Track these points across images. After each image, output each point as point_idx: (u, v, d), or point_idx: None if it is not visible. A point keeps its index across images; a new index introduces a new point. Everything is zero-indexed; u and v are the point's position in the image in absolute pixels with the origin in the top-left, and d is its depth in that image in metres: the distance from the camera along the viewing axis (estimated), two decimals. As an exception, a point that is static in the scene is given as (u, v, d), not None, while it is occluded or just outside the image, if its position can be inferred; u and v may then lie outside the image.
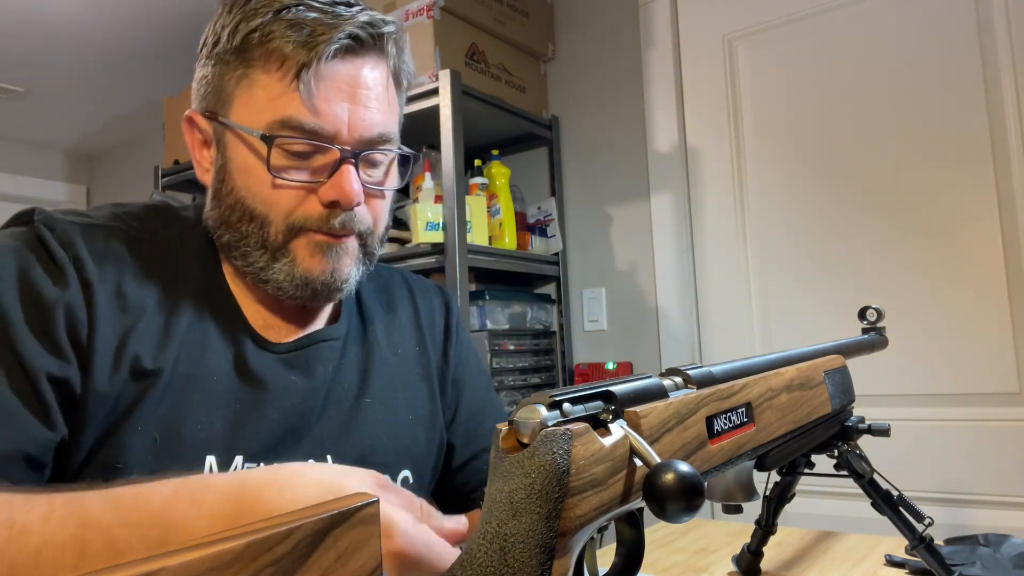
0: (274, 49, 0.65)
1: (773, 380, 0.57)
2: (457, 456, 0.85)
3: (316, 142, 0.66)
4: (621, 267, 2.04)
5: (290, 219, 0.67)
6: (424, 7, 1.80)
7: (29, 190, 3.66)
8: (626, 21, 2.07)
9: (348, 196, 0.66)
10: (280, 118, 0.65)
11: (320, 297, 0.71)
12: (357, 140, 0.67)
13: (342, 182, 0.66)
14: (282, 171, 0.66)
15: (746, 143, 1.87)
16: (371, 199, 0.71)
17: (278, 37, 0.64)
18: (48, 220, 0.64)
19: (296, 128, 0.65)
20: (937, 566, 0.73)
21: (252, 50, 0.66)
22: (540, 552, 0.35)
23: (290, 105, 0.65)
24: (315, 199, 0.67)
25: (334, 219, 0.67)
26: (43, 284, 0.61)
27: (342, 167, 0.66)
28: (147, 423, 0.62)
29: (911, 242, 1.62)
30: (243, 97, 0.67)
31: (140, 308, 0.65)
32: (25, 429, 0.57)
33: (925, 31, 1.62)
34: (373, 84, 0.69)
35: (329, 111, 0.65)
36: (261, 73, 0.66)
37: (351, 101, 0.67)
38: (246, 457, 0.65)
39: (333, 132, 0.66)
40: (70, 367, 0.60)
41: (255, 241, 0.68)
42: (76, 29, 2.53)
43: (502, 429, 0.38)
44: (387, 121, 0.70)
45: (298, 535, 0.29)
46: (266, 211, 0.67)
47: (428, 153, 1.93)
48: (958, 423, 1.56)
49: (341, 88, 0.66)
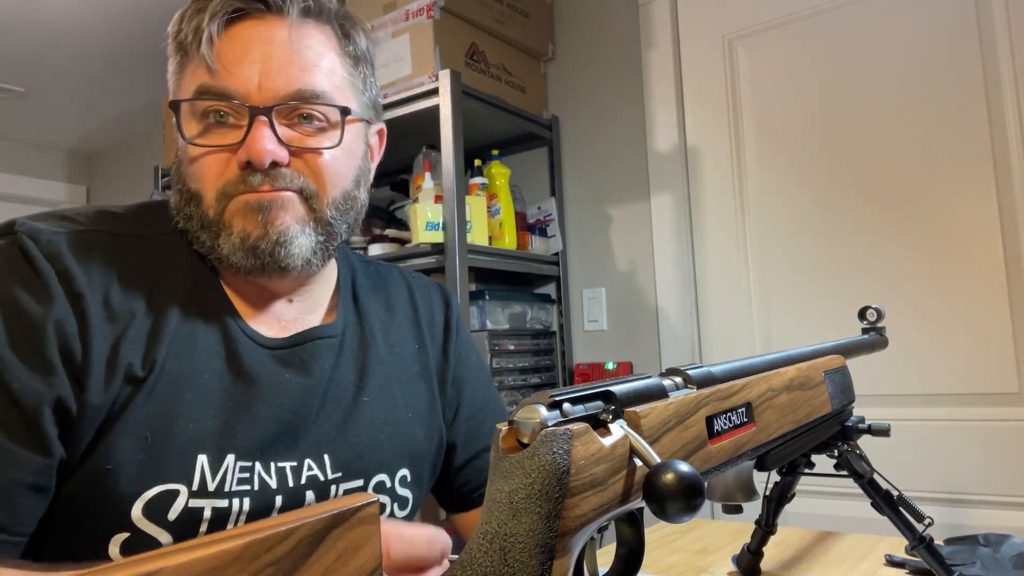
0: (196, 28, 0.67)
1: (773, 380, 0.57)
2: (458, 455, 0.85)
3: (217, 101, 0.66)
4: (621, 267, 2.04)
5: (217, 187, 0.67)
6: (424, 7, 1.80)
7: (29, 190, 3.66)
8: (626, 21, 2.07)
9: (257, 153, 0.65)
10: (194, 87, 0.67)
11: (274, 265, 0.67)
12: (270, 98, 0.66)
13: (250, 139, 0.65)
14: (199, 137, 0.67)
15: (746, 143, 1.87)
16: (306, 156, 0.69)
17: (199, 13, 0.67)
18: (32, 232, 0.63)
19: (204, 92, 0.66)
20: (937, 566, 0.73)
21: (186, 38, 0.68)
22: (540, 552, 0.35)
23: (200, 73, 0.66)
24: (235, 163, 0.67)
25: (250, 178, 0.66)
26: (27, 303, 0.59)
27: (252, 125, 0.66)
28: (137, 423, 0.61)
29: (911, 241, 1.62)
30: (182, 82, 0.69)
31: (129, 314, 0.64)
32: (19, 462, 0.56)
33: (925, 31, 1.62)
34: (294, 43, 0.68)
35: (235, 72, 0.66)
36: (190, 57, 0.68)
37: (263, 62, 0.66)
38: (238, 456, 0.65)
39: (242, 92, 0.66)
40: (64, 386, 0.59)
41: (197, 221, 0.68)
42: (76, 29, 2.53)
43: (502, 429, 0.38)
44: (314, 79, 0.68)
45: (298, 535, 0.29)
46: (198, 186, 0.67)
47: (428, 153, 1.93)
48: (958, 423, 1.56)
49: (249, 50, 0.66)
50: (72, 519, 0.61)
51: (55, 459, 0.59)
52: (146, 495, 0.60)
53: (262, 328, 0.71)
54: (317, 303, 0.77)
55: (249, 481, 0.65)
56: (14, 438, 0.57)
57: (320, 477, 0.69)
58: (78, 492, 0.60)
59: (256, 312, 0.72)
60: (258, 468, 0.66)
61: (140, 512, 0.60)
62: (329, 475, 0.70)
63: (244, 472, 0.65)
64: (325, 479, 0.70)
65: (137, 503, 0.60)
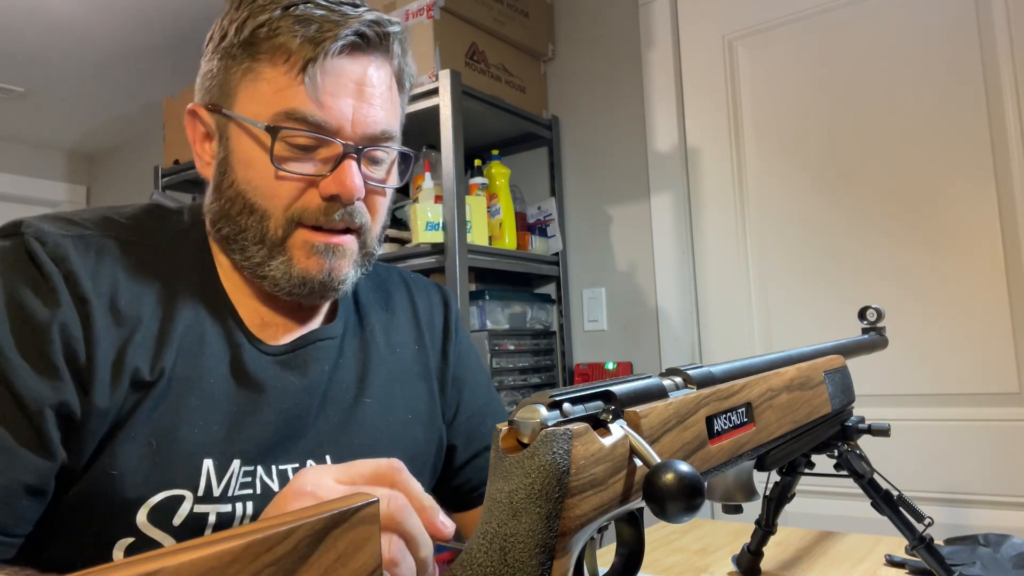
0: (281, 44, 0.65)
1: (773, 380, 0.57)
2: (459, 455, 0.85)
3: (319, 135, 0.66)
4: (621, 267, 2.04)
5: (289, 212, 0.67)
6: (424, 7, 1.80)
7: (29, 190, 3.66)
8: (626, 21, 2.07)
9: (349, 190, 0.66)
10: (285, 110, 0.65)
11: (316, 295, 0.71)
12: (360, 136, 0.68)
13: (344, 176, 0.66)
14: (284, 163, 0.66)
15: (746, 143, 1.87)
16: (371, 196, 0.71)
17: (285, 32, 0.65)
18: (39, 234, 0.62)
19: (300, 120, 0.65)
20: (937, 566, 0.73)
21: (259, 44, 0.66)
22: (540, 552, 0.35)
23: (295, 98, 0.65)
24: (315, 193, 0.67)
25: (333, 212, 0.67)
26: (33, 305, 0.59)
27: (344, 161, 0.66)
28: (143, 429, 0.61)
29: (911, 242, 1.62)
30: (248, 90, 0.67)
31: (136, 319, 0.64)
32: (22, 463, 0.56)
33: (925, 31, 1.62)
34: (378, 82, 0.69)
35: (334, 105, 0.66)
36: (267, 67, 0.66)
37: (356, 98, 0.67)
38: (243, 460, 0.65)
39: (337, 127, 0.66)
40: (68, 390, 0.59)
41: (253, 235, 0.68)
42: (76, 29, 2.53)
43: (502, 429, 0.38)
44: (390, 119, 0.70)
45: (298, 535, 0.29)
46: (266, 204, 0.67)
47: (428, 153, 1.93)
48: (958, 423, 1.56)
49: (346, 84, 0.67)
50: (77, 524, 0.61)
51: (56, 462, 0.58)
52: (151, 501, 0.60)
53: (265, 334, 0.71)
54: (319, 306, 0.77)
55: (252, 485, 0.65)
56: (17, 439, 0.57)
57: None
58: (83, 497, 0.60)
59: (258, 317, 0.72)
60: (260, 472, 0.66)
61: (145, 517, 0.60)
62: None
63: (247, 476, 0.65)
64: None
65: (142, 509, 0.60)
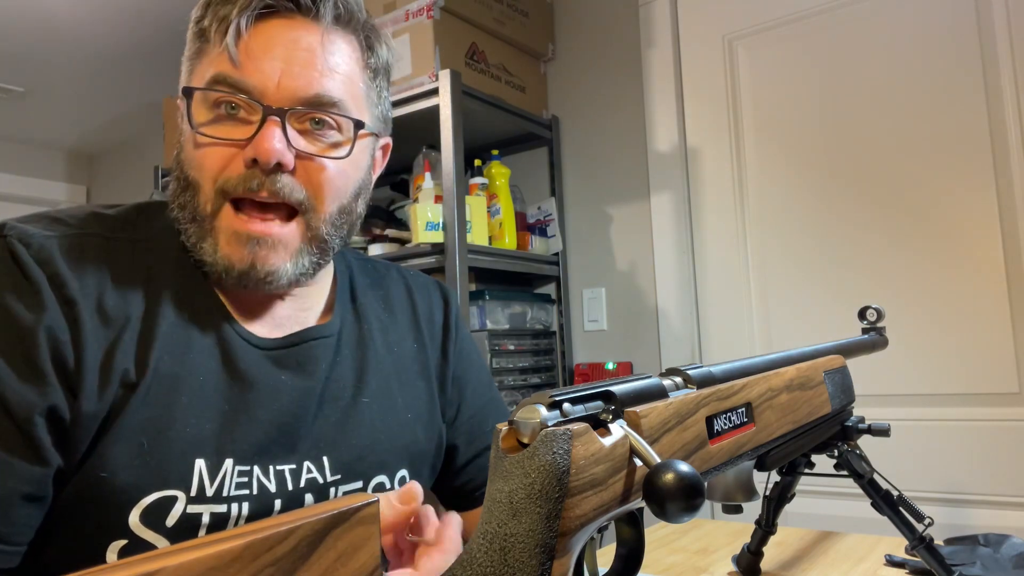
0: (223, 18, 0.65)
1: (773, 380, 0.57)
2: (461, 454, 0.85)
3: (233, 93, 0.64)
4: (621, 267, 2.04)
5: (217, 183, 0.65)
6: (424, 7, 1.80)
7: (29, 190, 3.66)
8: (626, 21, 2.07)
9: (265, 153, 0.63)
10: (210, 75, 0.65)
11: (251, 286, 0.67)
12: (288, 99, 0.65)
13: (260, 137, 0.64)
14: (203, 127, 0.65)
15: (746, 143, 1.87)
16: (309, 168, 0.67)
17: (227, 6, 0.65)
18: (23, 235, 0.61)
19: (220, 82, 0.64)
20: (937, 566, 0.73)
21: (208, 28, 0.66)
22: (540, 552, 0.35)
23: (219, 63, 0.65)
24: (240, 160, 0.65)
25: (253, 180, 0.64)
26: (18, 310, 0.58)
27: (265, 123, 0.64)
28: (132, 429, 0.60)
29: (911, 241, 1.62)
30: (196, 70, 0.68)
31: (124, 319, 0.63)
32: (15, 471, 0.56)
33: (925, 31, 1.62)
34: (317, 49, 0.67)
35: (255, 67, 0.64)
36: (210, 45, 0.66)
37: (285, 61, 0.65)
38: (236, 460, 0.64)
39: (259, 87, 0.64)
40: (56, 395, 0.58)
41: (189, 212, 0.66)
42: (76, 29, 2.53)
43: (502, 429, 0.38)
44: (333, 86, 0.67)
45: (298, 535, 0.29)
46: (196, 175, 0.66)
47: (428, 153, 1.93)
48: (958, 423, 1.56)
49: (274, 48, 0.65)
50: (69, 526, 0.60)
51: (51, 468, 0.58)
52: (143, 502, 0.60)
53: (256, 328, 0.70)
54: (313, 301, 0.75)
55: (248, 485, 0.64)
56: (9, 448, 0.56)
57: (319, 479, 0.69)
58: (75, 500, 0.60)
59: (249, 312, 0.70)
60: (256, 472, 0.65)
61: (138, 519, 0.60)
62: (328, 477, 0.70)
63: (242, 476, 0.64)
64: (324, 481, 0.69)
65: (135, 510, 0.59)
